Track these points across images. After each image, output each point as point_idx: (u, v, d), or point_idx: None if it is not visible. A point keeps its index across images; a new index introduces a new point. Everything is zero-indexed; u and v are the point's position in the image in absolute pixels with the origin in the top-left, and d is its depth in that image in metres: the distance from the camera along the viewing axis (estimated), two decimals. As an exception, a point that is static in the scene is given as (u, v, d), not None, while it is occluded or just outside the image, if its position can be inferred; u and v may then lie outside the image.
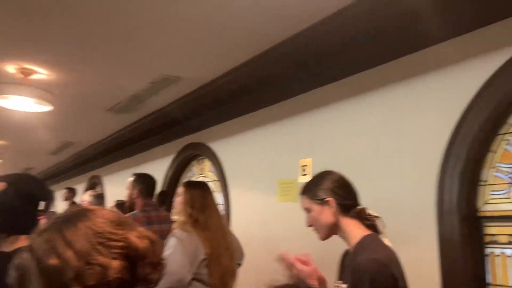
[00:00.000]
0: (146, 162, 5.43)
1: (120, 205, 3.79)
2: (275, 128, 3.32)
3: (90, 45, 2.78)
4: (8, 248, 1.44)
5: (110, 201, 5.77)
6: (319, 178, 1.53)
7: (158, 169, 4.90)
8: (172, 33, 2.56)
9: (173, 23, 2.43)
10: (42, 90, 3.18)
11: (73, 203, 5.95)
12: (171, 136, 4.67)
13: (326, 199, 1.46)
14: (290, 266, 1.46)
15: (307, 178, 2.81)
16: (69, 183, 7.92)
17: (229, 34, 2.55)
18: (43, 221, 1.67)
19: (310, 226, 1.53)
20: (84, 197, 4.20)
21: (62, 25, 2.50)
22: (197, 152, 4.43)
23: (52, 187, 4.57)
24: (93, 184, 7.21)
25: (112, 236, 0.74)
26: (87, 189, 6.94)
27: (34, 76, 3.24)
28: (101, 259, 0.70)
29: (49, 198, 1.56)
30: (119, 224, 0.77)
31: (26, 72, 3.17)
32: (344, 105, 2.73)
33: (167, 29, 2.50)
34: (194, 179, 4.51)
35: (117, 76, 3.35)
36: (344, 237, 1.47)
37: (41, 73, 3.24)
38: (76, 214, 0.76)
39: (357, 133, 2.61)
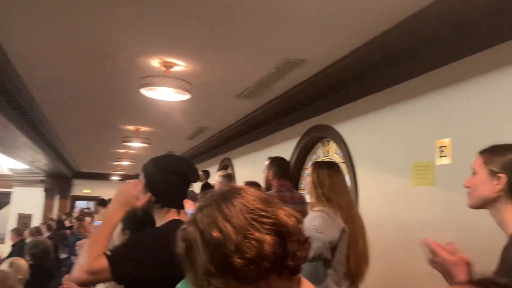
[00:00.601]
0: (272, 145, 5.63)
1: (248, 185, 3.99)
2: (407, 106, 3.12)
3: (220, 36, 2.97)
4: (159, 218, 1.65)
5: (239, 182, 6.17)
6: (507, 150, 1.37)
7: (284, 151, 5.04)
8: (296, 16, 2.58)
9: (296, 6, 2.45)
10: (182, 81, 3.52)
11: (207, 183, 6.49)
12: (296, 119, 4.74)
13: (499, 174, 1.33)
14: (434, 253, 1.38)
15: (447, 160, 2.60)
16: (203, 165, 8.67)
17: (354, 12, 2.46)
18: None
19: (466, 187, 1.42)
20: (215, 177, 4.48)
21: (196, 19, 2.72)
22: (322, 135, 4.43)
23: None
24: (225, 166, 7.75)
25: (263, 213, 0.78)
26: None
27: (174, 68, 3.60)
28: (257, 234, 0.75)
29: (196, 179, 1.74)
30: (268, 202, 0.81)
31: (168, 65, 3.54)
32: (487, 79, 2.43)
33: (290, 12, 2.53)
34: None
35: (244, 63, 3.52)
36: (500, 222, 1.33)
37: (180, 65, 3.58)
38: (231, 192, 0.83)
39: (505, 111, 2.30)
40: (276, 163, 3.23)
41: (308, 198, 2.50)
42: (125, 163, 10.37)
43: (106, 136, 7.48)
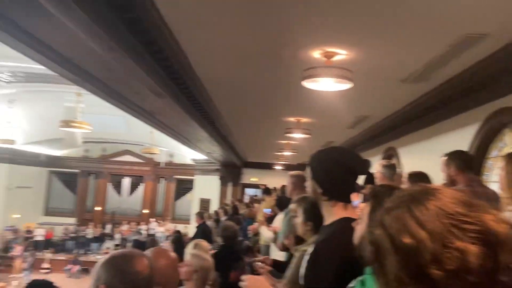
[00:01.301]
0: (443, 133, 5.10)
1: (414, 176, 3.64)
2: None
3: (384, 19, 2.80)
4: (327, 211, 1.64)
5: (405, 173, 5.75)
6: None
7: (459, 139, 4.51)
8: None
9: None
10: (343, 69, 3.46)
11: (370, 174, 6.26)
12: (474, 103, 4.18)
13: None
14: None
15: None
16: (364, 155, 8.39)
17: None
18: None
19: None
20: (376, 167, 4.19)
21: (359, 4, 2.62)
22: (510, 119, 3.79)
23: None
24: (389, 156, 7.38)
25: (465, 219, 0.68)
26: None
27: (335, 58, 3.56)
28: (458, 243, 0.66)
29: (365, 171, 1.68)
30: (471, 205, 0.71)
31: (329, 55, 3.52)
32: None
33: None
34: (509, 150, 3.89)
35: (410, 44, 3.24)
36: None
37: (341, 54, 3.52)
38: (423, 193, 0.74)
39: None
40: (456, 156, 2.93)
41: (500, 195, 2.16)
42: (287, 153, 10.83)
43: (270, 128, 7.92)
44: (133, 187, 21.47)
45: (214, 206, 15.10)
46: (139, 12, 2.81)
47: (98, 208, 21.00)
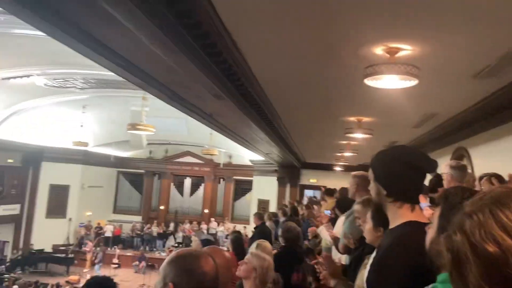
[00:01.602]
0: (522, 131, 4.68)
1: (488, 178, 3.35)
2: None
3: (451, 9, 2.61)
4: (392, 213, 1.55)
5: (478, 175, 5.36)
6: None
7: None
8: None
9: None
10: (408, 66, 3.29)
11: (437, 176, 5.91)
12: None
13: None
14: None
15: None
16: (431, 156, 7.96)
17: None
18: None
19: None
20: (443, 168, 3.90)
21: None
22: None
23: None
24: (459, 157, 6.93)
25: None
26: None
27: (399, 54, 3.39)
28: None
29: (433, 170, 1.57)
30: None
31: (393, 51, 3.36)
32: None
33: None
34: None
35: (485, 36, 3.00)
36: None
37: (406, 49, 3.34)
38: (507, 195, 0.67)
39: None
40: None
41: None
42: (347, 154, 10.56)
43: (329, 128, 7.76)
44: (194, 187, 22.15)
45: (272, 207, 15.14)
46: (198, 16, 2.86)
47: (162, 207, 21.93)
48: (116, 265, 16.89)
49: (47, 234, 18.04)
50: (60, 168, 18.49)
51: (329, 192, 7.32)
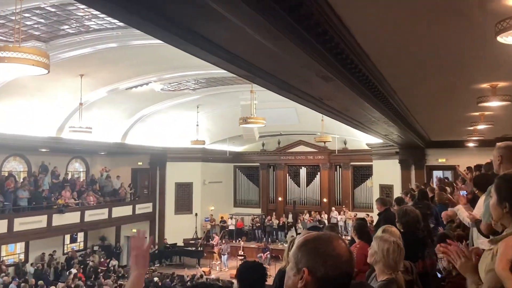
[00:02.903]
0: None
1: None
2: None
3: None
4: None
5: None
6: None
7: None
8: None
9: None
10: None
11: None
12: None
13: None
14: None
15: None
16: None
17: None
18: None
19: None
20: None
21: None
22: None
23: None
24: None
25: None
26: None
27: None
28: None
29: None
30: None
31: (532, -3, 2.89)
32: None
33: None
34: None
35: None
36: None
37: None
38: None
39: None
40: None
41: None
42: (481, 126, 9.53)
43: (456, 100, 7.08)
44: (310, 177, 22.25)
45: (396, 193, 14.45)
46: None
47: (280, 199, 22.51)
48: (242, 257, 17.87)
49: (177, 229, 19.91)
50: (182, 167, 20.23)
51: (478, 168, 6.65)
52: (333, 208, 20.62)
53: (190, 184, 21.05)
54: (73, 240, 19.09)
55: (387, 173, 16.55)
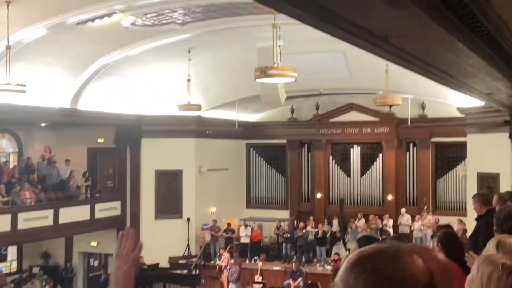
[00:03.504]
0: None
1: None
2: None
3: None
4: None
5: None
6: None
7: None
8: None
9: None
10: None
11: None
12: None
13: None
14: None
15: None
16: None
17: None
18: None
19: None
20: None
21: None
22: None
23: None
24: None
25: None
26: None
27: None
28: None
29: None
30: None
31: None
32: None
33: None
34: None
35: None
36: None
37: None
38: None
39: None
40: None
41: None
42: None
43: None
44: (367, 161, 22.25)
45: (504, 185, 14.35)
46: None
47: (318, 196, 22.56)
48: (260, 285, 18.15)
49: (160, 243, 20.18)
50: (166, 146, 20.46)
51: None
52: (403, 210, 20.64)
53: (179, 173, 21.36)
54: (1, 258, 19.61)
55: (490, 155, 16.41)
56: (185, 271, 19.70)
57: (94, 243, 20.68)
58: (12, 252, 19.78)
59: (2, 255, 19.56)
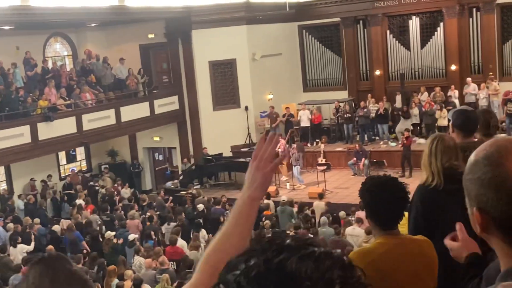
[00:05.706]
0: None
1: None
2: None
3: None
4: None
5: None
6: None
7: None
8: None
9: None
10: None
11: None
12: None
13: None
14: None
15: None
16: None
17: None
18: None
19: None
20: None
21: None
22: None
23: None
24: None
25: None
26: None
27: None
28: None
29: None
30: None
31: None
32: None
33: None
34: None
35: None
36: None
37: None
38: None
39: None
40: None
41: None
42: None
43: None
44: (427, 32, 21.72)
45: None
46: None
47: (377, 72, 22.37)
48: (324, 167, 18.54)
49: (221, 133, 20.73)
50: (218, 36, 20.40)
51: None
52: (469, 80, 20.30)
53: (233, 62, 21.45)
54: (71, 158, 20.58)
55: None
56: (248, 159, 20.07)
57: (157, 138, 21.45)
58: (80, 152, 20.68)
59: (72, 156, 20.47)
